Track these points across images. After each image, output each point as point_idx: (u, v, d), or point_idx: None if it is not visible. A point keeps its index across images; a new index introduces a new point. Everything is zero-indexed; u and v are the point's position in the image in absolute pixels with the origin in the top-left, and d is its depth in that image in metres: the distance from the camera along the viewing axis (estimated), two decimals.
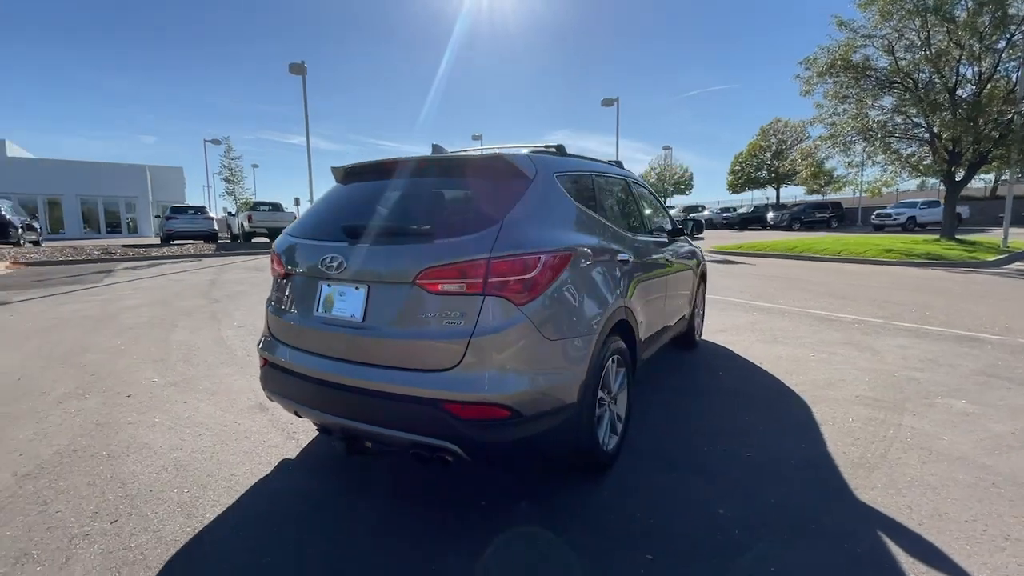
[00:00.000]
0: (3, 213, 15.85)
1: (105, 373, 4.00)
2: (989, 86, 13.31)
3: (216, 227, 20.82)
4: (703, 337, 4.99)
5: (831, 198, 34.73)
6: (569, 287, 2.03)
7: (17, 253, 14.48)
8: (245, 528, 2.02)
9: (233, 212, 28.55)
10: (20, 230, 16.49)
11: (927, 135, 14.19)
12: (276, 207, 21.50)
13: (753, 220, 31.79)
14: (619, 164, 3.43)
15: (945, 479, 2.34)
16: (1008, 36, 12.72)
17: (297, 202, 38.00)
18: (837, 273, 10.05)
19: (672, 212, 27.61)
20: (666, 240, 3.77)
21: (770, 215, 30.81)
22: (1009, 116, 12.36)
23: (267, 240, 19.46)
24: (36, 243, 18.39)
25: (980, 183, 32.93)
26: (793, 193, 41.86)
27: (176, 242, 19.91)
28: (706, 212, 35.05)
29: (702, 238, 19.34)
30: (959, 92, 13.56)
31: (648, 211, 3.60)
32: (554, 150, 2.60)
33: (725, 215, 33.64)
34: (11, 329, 5.59)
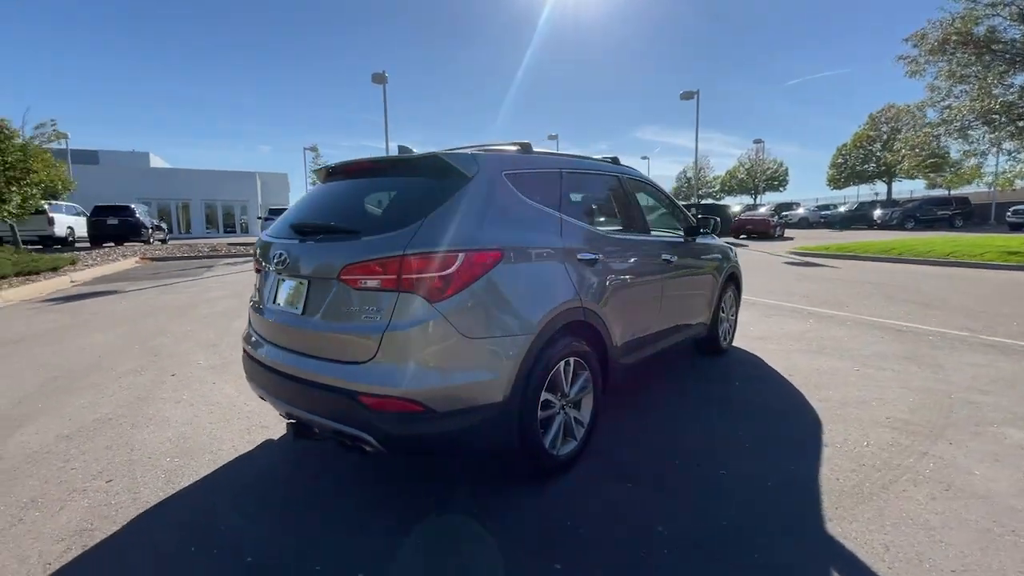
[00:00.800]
0: (138, 216, 18.57)
1: (166, 355, 4.57)
2: None
3: None
4: (736, 344, 4.63)
5: (959, 193, 30.29)
6: (496, 285, 2.01)
7: (146, 250, 16.90)
8: (210, 496, 2.24)
9: None
10: (150, 230, 19.23)
11: None
12: None
13: (857, 218, 28.62)
14: (615, 161, 3.28)
15: (951, 519, 1.99)
16: None
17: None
18: (937, 278, 8.78)
19: (762, 211, 25.31)
20: (678, 240, 3.56)
21: (877, 212, 27.58)
22: None
23: None
24: (163, 241, 21.35)
25: None
26: (908, 188, 37.02)
27: None
28: (801, 210, 32.14)
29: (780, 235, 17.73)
30: None
31: (648, 210, 3.42)
32: (518, 147, 2.57)
33: (823, 213, 30.62)
34: (115, 314, 6.57)
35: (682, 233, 3.74)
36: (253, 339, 2.44)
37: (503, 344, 2.01)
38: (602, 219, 2.93)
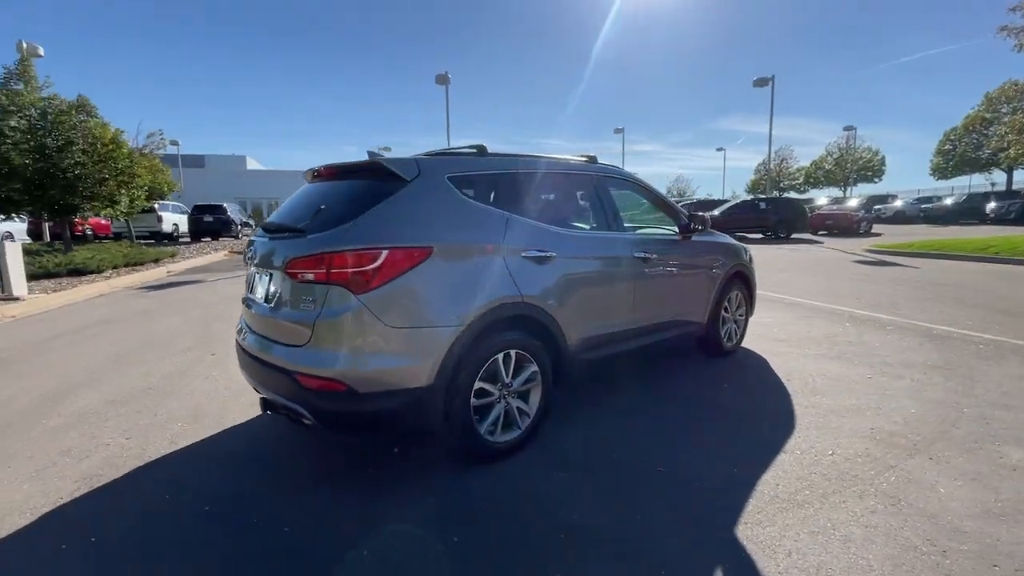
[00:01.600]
0: (229, 214, 20.71)
1: (217, 336, 5.21)
2: None
3: None
4: (749, 346, 4.44)
5: None
6: (423, 280, 2.18)
7: (234, 245, 18.83)
8: (197, 456, 2.62)
9: None
10: (239, 226, 21.38)
11: None
12: None
13: (966, 212, 25.32)
14: (592, 160, 3.31)
15: (879, 534, 1.89)
16: None
17: None
18: None
19: (852, 203, 23.21)
20: (661, 237, 3.55)
21: (991, 205, 24.23)
22: None
23: None
24: None
25: None
26: None
27: None
28: (898, 203, 29.00)
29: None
30: None
31: (631, 207, 3.42)
32: (474, 150, 2.71)
33: (923, 206, 27.39)
34: (191, 301, 7.50)
35: (675, 230, 3.69)
36: (242, 330, 2.79)
37: (428, 334, 2.18)
38: (564, 217, 2.98)
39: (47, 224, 15.99)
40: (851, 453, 2.52)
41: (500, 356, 2.43)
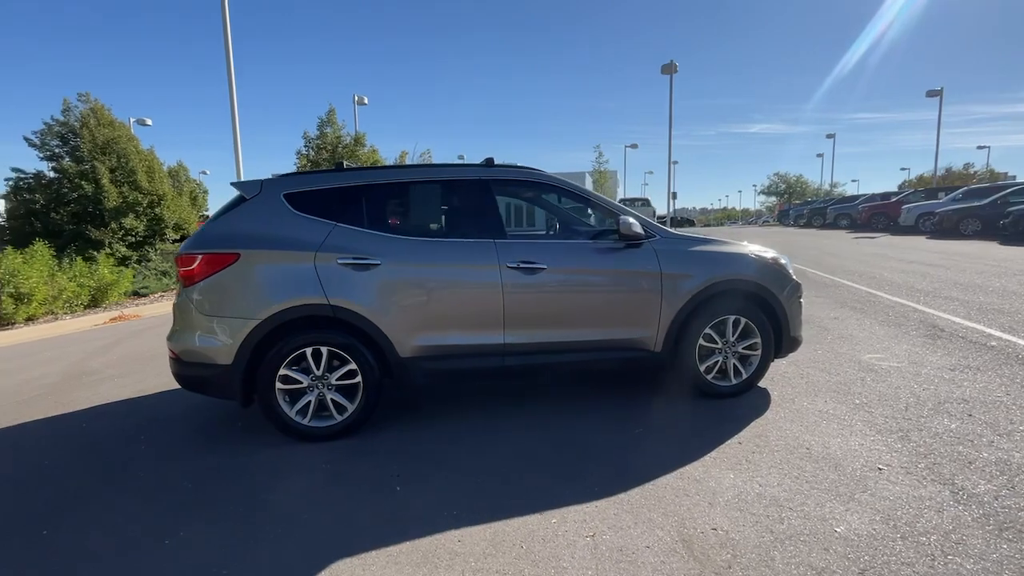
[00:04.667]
0: None
1: None
2: None
3: None
4: (782, 389, 3.25)
5: None
6: (228, 279, 2.66)
7: None
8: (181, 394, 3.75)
9: None
10: None
11: None
12: (644, 202, 23.45)
13: None
14: (489, 162, 3.07)
15: None
16: None
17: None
18: None
19: None
20: (580, 244, 3.09)
21: None
22: None
23: None
24: None
25: None
26: None
27: None
28: None
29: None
30: None
31: (544, 212, 3.06)
32: (335, 167, 3.00)
33: None
34: None
35: (619, 237, 3.04)
36: None
37: (229, 323, 2.66)
38: (414, 225, 2.95)
39: None
40: (615, 546, 1.82)
41: (308, 351, 2.71)
